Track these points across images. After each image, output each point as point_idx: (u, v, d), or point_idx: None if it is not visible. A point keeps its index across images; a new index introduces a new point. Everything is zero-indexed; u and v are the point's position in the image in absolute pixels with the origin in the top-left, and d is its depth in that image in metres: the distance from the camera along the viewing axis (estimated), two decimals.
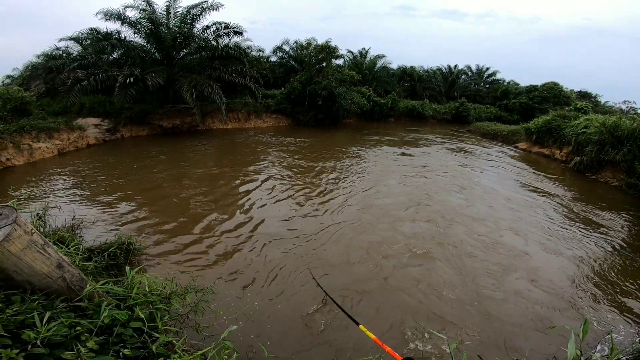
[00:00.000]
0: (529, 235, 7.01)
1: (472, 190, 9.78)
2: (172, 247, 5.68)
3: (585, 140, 13.65)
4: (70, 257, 3.07)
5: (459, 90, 34.91)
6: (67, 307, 1.77)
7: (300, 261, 5.43)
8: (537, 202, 9.31)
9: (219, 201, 7.83)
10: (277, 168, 10.90)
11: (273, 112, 20.48)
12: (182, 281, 3.46)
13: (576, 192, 10.63)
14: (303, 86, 19.87)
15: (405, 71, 33.47)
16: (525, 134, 18.38)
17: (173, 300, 2.75)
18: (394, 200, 8.44)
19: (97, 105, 14.58)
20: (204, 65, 16.28)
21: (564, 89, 28.97)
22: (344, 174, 10.57)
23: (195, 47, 16.03)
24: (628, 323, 4.55)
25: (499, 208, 8.51)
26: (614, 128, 12.45)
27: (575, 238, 7.12)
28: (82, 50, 16.75)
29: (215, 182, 9.24)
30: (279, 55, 25.96)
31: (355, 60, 31.09)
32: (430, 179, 10.68)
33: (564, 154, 15.16)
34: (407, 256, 5.80)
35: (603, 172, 12.68)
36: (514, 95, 31.99)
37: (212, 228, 6.44)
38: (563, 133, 15.47)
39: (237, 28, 16.14)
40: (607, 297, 5.12)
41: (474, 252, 6.11)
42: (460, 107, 28.42)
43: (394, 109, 26.29)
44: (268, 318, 4.10)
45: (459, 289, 4.97)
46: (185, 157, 11.79)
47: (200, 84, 14.70)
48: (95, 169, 10.00)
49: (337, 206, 7.84)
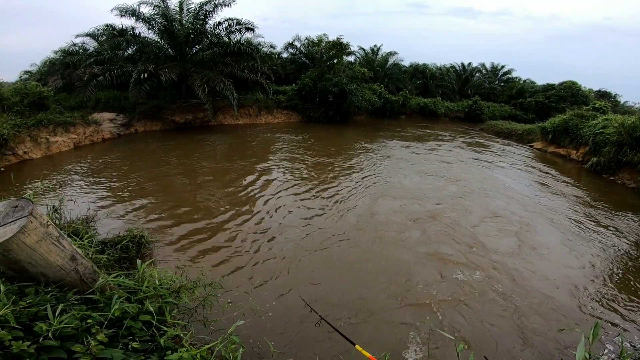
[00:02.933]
0: (547, 237, 6.85)
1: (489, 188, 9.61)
2: (184, 240, 5.76)
3: (603, 140, 13.23)
4: (84, 249, 3.14)
5: (472, 88, 34.26)
6: (79, 299, 1.81)
7: (310, 259, 5.44)
8: (554, 203, 9.08)
9: (232, 196, 7.90)
10: (288, 164, 10.93)
11: (284, 108, 20.51)
12: (192, 275, 3.52)
13: (593, 193, 10.33)
14: (314, 82, 19.81)
15: (418, 68, 32.99)
16: (541, 133, 17.94)
17: (182, 294, 2.78)
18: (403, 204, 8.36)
19: (112, 100, 14.86)
20: (216, 61, 16.37)
21: (582, 88, 28.15)
22: (357, 171, 10.52)
23: (207, 43, 16.11)
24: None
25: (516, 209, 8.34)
26: (633, 129, 12.02)
27: (591, 239, 6.93)
28: (98, 46, 17.02)
29: (228, 177, 9.32)
30: (290, 52, 25.91)
31: (367, 57, 30.80)
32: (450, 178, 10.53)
33: (580, 154, 14.74)
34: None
35: (620, 173, 12.28)
36: (529, 93, 31.22)
37: (224, 223, 6.50)
38: (580, 133, 15.03)
39: (249, 24, 16.19)
40: (618, 299, 4.97)
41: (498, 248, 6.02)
42: (473, 105, 27.90)
43: (405, 106, 25.98)
44: (276, 314, 4.13)
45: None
46: (197, 152, 11.92)
47: (212, 80, 14.81)
48: (110, 162, 10.21)
49: (352, 204, 7.82)
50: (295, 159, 11.62)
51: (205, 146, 12.91)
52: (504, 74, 36.40)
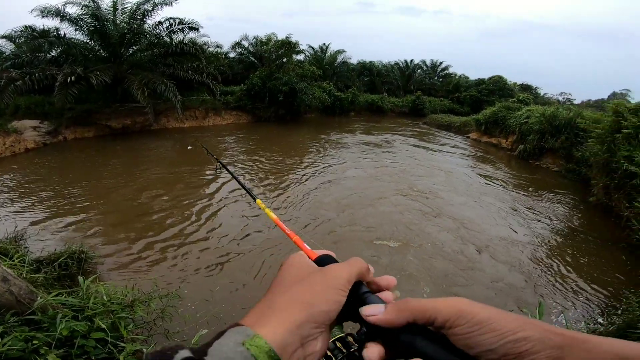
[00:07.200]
0: (482, 215, 7.59)
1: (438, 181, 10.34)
2: (131, 254, 5.38)
3: (528, 129, 14.85)
4: (16, 270, 2.81)
5: (415, 84, 36.29)
6: (19, 320, 1.64)
7: (260, 258, 5.40)
8: (487, 188, 10.06)
9: (178, 204, 7.49)
10: (238, 166, 10.68)
11: (233, 109, 19.95)
12: (145, 288, 3.32)
13: (521, 176, 11.63)
14: (263, 82, 19.57)
15: (365, 66, 34.17)
16: (475, 125, 19.66)
17: (136, 308, 2.64)
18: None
19: (35, 106, 13.28)
20: (156, 62, 15.54)
21: (508, 82, 31.25)
22: (308, 168, 10.63)
23: (146, 44, 15.25)
24: (576, 302, 4.89)
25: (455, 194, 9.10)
26: (552, 118, 13.56)
27: (525, 218, 7.82)
28: (15, 48, 15.22)
29: (173, 184, 8.83)
30: (237, 52, 25.24)
31: (316, 55, 31.15)
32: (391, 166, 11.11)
33: (509, 143, 16.44)
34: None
35: (544, 158, 13.90)
36: (464, 88, 33.91)
37: (172, 232, 6.18)
38: (508, 123, 16.74)
39: (193, 24, 15.70)
40: (556, 276, 5.59)
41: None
42: (416, 101, 29.65)
43: (354, 104, 26.78)
44: (238, 317, 4.05)
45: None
46: (138, 159, 11.15)
47: (152, 82, 13.97)
48: (36, 174, 9.12)
49: (299, 201, 7.91)
50: (246, 161, 11.40)
51: (147, 152, 12.11)
52: (442, 69, 39.07)
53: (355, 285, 0.42)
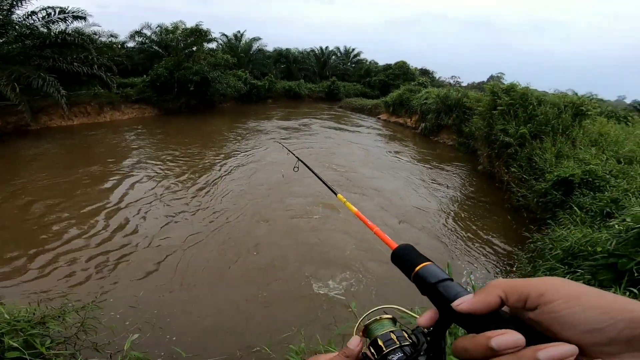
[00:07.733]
0: (398, 187, 8.59)
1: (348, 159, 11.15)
2: (30, 270, 4.74)
3: (427, 109, 16.85)
4: None
5: (330, 70, 37.49)
6: None
7: (184, 258, 5.29)
8: (398, 163, 11.31)
9: (80, 212, 6.65)
10: (149, 163, 9.88)
11: (135, 102, 18.01)
12: (56, 304, 3.04)
13: (425, 153, 13.29)
14: (170, 72, 18.07)
15: (281, 53, 34.04)
16: (385, 107, 21.52)
17: (49, 324, 2.45)
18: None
19: None
20: (29, 54, 13.46)
21: (411, 67, 34.54)
22: (228, 158, 10.41)
23: (14, 36, 13.20)
24: (479, 263, 5.46)
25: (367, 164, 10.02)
26: (445, 98, 15.51)
27: (427, 191, 9.05)
28: None
29: (71, 190, 7.74)
30: (138, 41, 22.55)
31: (230, 43, 29.81)
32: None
33: (413, 122, 18.47)
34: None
35: (441, 134, 15.98)
36: (374, 73, 36.34)
37: (79, 243, 5.53)
38: (411, 105, 18.74)
39: (78, 12, 14.16)
40: (462, 240, 6.27)
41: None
42: (332, 86, 30.89)
43: (271, 91, 26.68)
44: (176, 320, 3.97)
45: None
46: (17, 166, 9.39)
47: (25, 76, 11.89)
48: None
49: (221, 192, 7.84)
50: (155, 157, 10.58)
51: (27, 157, 10.27)
52: (354, 55, 41.00)
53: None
